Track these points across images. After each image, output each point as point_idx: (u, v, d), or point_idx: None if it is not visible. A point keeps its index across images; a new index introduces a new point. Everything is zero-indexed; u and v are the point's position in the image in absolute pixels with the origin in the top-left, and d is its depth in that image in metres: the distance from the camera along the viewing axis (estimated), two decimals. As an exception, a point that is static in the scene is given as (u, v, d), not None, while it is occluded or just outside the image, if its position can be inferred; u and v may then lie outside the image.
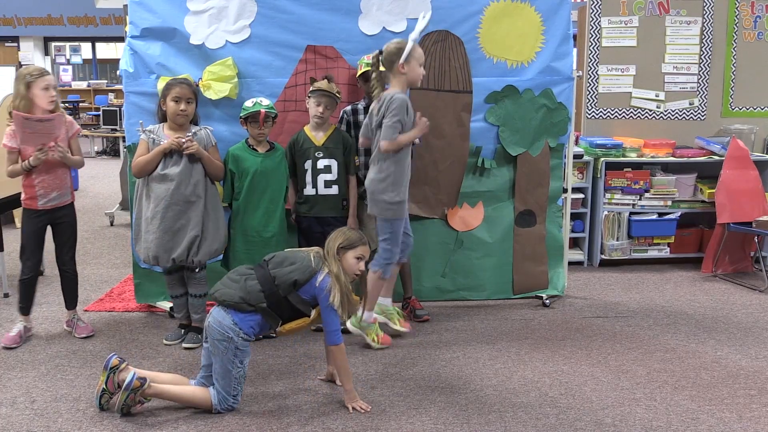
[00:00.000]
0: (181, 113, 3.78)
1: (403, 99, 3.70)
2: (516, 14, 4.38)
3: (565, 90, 4.48)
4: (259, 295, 3.08)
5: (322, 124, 4.05)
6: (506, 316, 4.44)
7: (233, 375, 3.09)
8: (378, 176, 3.80)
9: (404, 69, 3.72)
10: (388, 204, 3.78)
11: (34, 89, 3.73)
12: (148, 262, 3.88)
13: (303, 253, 3.21)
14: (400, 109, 3.67)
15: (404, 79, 3.75)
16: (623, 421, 3.08)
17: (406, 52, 3.68)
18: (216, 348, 3.07)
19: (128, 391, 3.02)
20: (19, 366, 3.64)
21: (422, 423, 3.05)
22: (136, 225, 3.90)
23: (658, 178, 5.55)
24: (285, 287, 3.09)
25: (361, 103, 4.22)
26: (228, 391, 3.10)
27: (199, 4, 4.20)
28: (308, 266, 3.12)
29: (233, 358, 3.07)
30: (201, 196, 3.81)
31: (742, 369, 3.65)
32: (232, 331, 3.05)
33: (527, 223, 4.61)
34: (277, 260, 3.19)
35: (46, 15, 16.32)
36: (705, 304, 4.75)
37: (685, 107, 5.82)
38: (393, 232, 3.84)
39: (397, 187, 3.77)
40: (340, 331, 3.17)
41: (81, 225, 7.00)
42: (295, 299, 3.11)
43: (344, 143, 4.10)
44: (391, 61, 3.74)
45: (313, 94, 4.00)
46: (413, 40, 3.70)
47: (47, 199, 3.86)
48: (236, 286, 3.12)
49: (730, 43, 5.77)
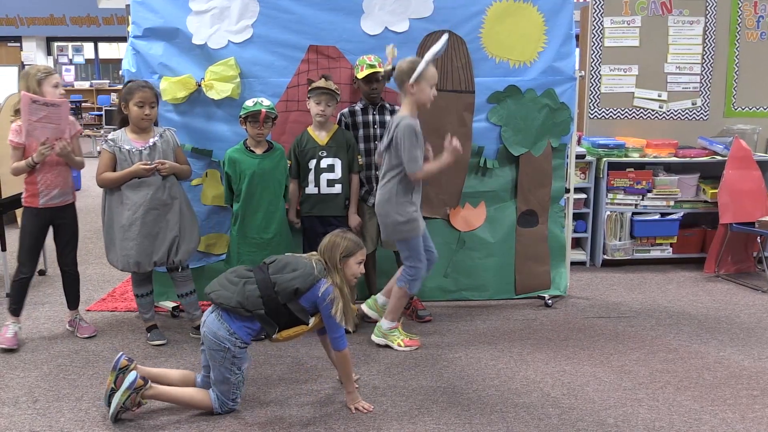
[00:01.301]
0: (146, 117, 3.78)
1: (409, 126, 3.63)
2: (518, 14, 4.38)
3: (567, 90, 4.47)
4: (258, 301, 3.01)
5: (325, 123, 4.05)
6: (508, 316, 4.44)
7: (232, 381, 3.08)
8: (382, 198, 3.79)
9: (413, 89, 3.67)
10: (396, 226, 3.76)
11: (45, 87, 3.73)
12: (127, 269, 3.86)
13: (305, 260, 3.14)
14: (410, 137, 3.61)
15: (413, 99, 3.69)
16: (625, 422, 3.07)
17: (417, 72, 3.61)
18: (213, 357, 3.05)
19: (130, 390, 2.99)
20: (21, 366, 3.64)
21: (424, 423, 3.05)
22: (107, 234, 3.85)
23: (660, 179, 5.54)
24: (285, 295, 3.03)
25: (359, 105, 4.22)
26: (227, 395, 3.09)
27: (201, 4, 4.20)
28: (310, 274, 3.05)
29: (231, 366, 3.04)
30: (176, 197, 3.85)
31: (745, 369, 3.65)
32: (228, 342, 3.01)
33: (529, 223, 4.60)
34: (279, 265, 3.11)
35: (48, 15, 16.36)
36: (708, 304, 4.74)
37: (688, 107, 5.81)
38: (412, 250, 3.82)
39: (401, 207, 3.74)
40: (344, 335, 3.13)
41: (83, 225, 6.99)
42: (294, 307, 3.05)
43: (348, 142, 4.10)
44: (401, 80, 3.69)
45: (312, 94, 4.00)
46: (427, 61, 3.62)
47: (49, 197, 3.85)
48: (234, 289, 3.04)
49: (732, 43, 5.76)
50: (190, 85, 4.18)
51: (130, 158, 3.76)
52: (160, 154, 3.81)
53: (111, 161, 3.78)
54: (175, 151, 3.92)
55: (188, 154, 4.17)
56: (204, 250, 4.36)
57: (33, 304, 4.52)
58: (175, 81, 4.17)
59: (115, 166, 3.78)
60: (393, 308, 3.90)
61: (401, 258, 3.89)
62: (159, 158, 3.79)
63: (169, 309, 4.43)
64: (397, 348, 3.87)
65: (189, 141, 4.25)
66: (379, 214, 3.84)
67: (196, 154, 4.27)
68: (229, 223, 4.24)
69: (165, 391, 3.12)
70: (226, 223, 4.32)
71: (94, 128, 14.00)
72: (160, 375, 3.21)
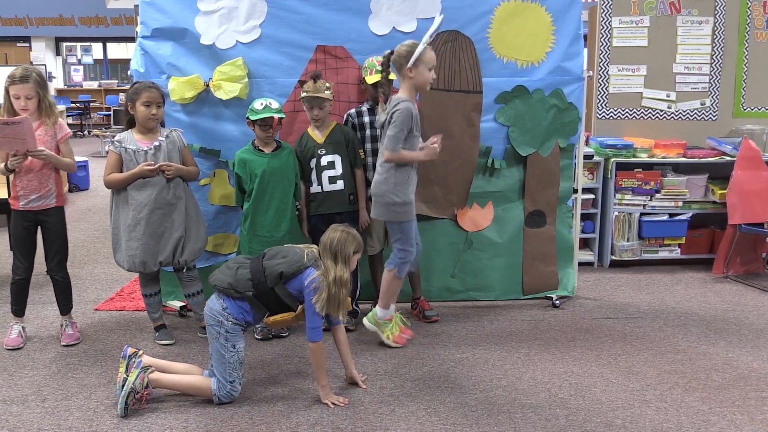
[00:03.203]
0: (152, 117, 3.79)
1: (407, 107, 3.66)
2: (526, 14, 4.37)
3: (575, 90, 4.46)
4: (247, 284, 3.17)
5: (321, 125, 4.06)
6: (516, 316, 4.43)
7: (227, 359, 3.16)
8: (379, 178, 3.79)
9: (412, 73, 3.68)
10: (391, 206, 3.76)
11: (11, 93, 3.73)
12: (133, 269, 3.87)
13: (297, 249, 3.27)
14: (404, 119, 3.64)
15: (412, 83, 3.72)
16: (633, 423, 3.06)
17: (415, 56, 3.63)
18: (210, 333, 3.21)
19: (138, 369, 3.15)
20: (30, 364, 3.66)
21: (431, 423, 3.05)
22: (114, 234, 3.87)
23: (669, 179, 5.53)
24: (272, 278, 3.17)
25: (366, 105, 4.22)
26: (224, 377, 3.17)
27: (209, 5, 4.21)
28: (297, 261, 3.18)
29: (225, 343, 3.16)
30: (182, 197, 3.86)
31: (754, 371, 3.63)
32: (222, 316, 3.17)
33: (537, 223, 4.60)
34: (272, 253, 3.27)
35: (57, 15, 16.42)
36: (716, 305, 4.72)
37: (697, 107, 5.79)
38: (403, 233, 3.82)
39: (399, 188, 3.75)
40: (320, 329, 3.20)
41: (91, 224, 7.03)
42: (281, 291, 3.18)
43: (346, 137, 4.09)
44: (400, 64, 3.71)
45: (303, 100, 4.01)
46: (424, 42, 3.65)
47: (27, 200, 3.81)
48: (229, 273, 3.22)
49: (741, 43, 5.73)
50: (198, 85, 4.19)
51: (136, 159, 3.77)
52: (165, 155, 3.81)
53: (117, 162, 3.79)
54: (182, 152, 3.93)
55: (196, 154, 4.18)
56: (212, 249, 4.37)
57: (41, 303, 4.55)
58: (184, 81, 4.18)
59: (122, 167, 3.79)
60: (385, 293, 3.89)
61: (391, 240, 3.88)
62: (164, 158, 3.80)
63: (177, 309, 4.45)
64: (385, 340, 3.86)
65: (197, 141, 4.26)
66: (374, 194, 3.83)
67: (204, 154, 4.28)
68: (236, 223, 4.25)
69: (165, 377, 3.24)
70: (234, 222, 4.33)
71: (103, 128, 14.05)
72: (165, 366, 3.33)
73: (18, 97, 3.72)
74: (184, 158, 3.94)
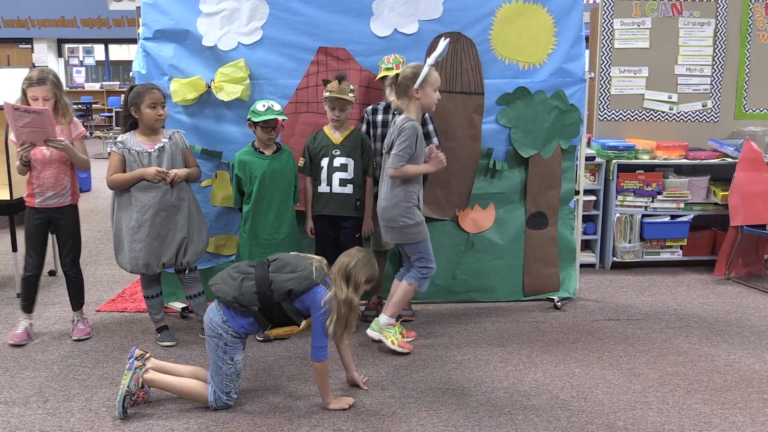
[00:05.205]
0: (159, 118, 3.80)
1: (413, 127, 3.69)
2: (528, 16, 4.37)
3: (577, 92, 4.47)
4: (253, 297, 3.07)
5: (340, 126, 4.07)
6: (517, 318, 4.43)
7: (224, 372, 3.11)
8: (389, 203, 3.80)
9: (418, 94, 3.70)
10: (405, 230, 3.78)
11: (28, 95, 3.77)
12: (135, 270, 3.87)
13: (306, 262, 3.14)
14: (410, 138, 3.66)
15: (418, 104, 3.74)
16: (635, 425, 3.06)
17: (420, 77, 3.66)
18: (208, 344, 3.15)
19: (131, 371, 3.12)
20: (31, 366, 3.66)
21: (433, 425, 3.05)
22: (116, 236, 3.87)
23: (670, 180, 5.52)
24: (279, 294, 3.06)
25: (382, 104, 4.22)
26: (221, 388, 3.13)
27: (211, 6, 4.22)
28: (307, 278, 3.07)
29: (223, 355, 3.10)
30: (185, 199, 3.87)
31: (756, 373, 3.63)
32: (221, 329, 3.09)
33: (539, 225, 4.60)
34: (279, 264, 3.14)
35: (59, 17, 16.46)
36: (718, 307, 4.71)
37: (698, 109, 5.79)
38: (423, 252, 3.85)
39: (410, 211, 3.76)
40: (326, 348, 3.11)
41: (92, 226, 7.03)
42: (288, 307, 3.08)
43: (363, 144, 4.10)
44: (406, 86, 3.72)
45: (326, 100, 4.01)
46: (429, 65, 3.67)
47: (43, 198, 3.88)
48: (233, 284, 3.11)
49: (743, 45, 5.73)
50: (200, 87, 4.20)
51: (139, 160, 3.78)
52: (168, 156, 3.82)
53: (120, 163, 3.80)
54: (184, 153, 3.93)
55: (198, 155, 4.19)
56: (213, 251, 4.38)
57: (44, 304, 4.55)
58: (185, 82, 4.19)
59: (125, 168, 3.80)
60: (396, 302, 3.89)
61: (411, 261, 3.89)
62: (167, 160, 3.81)
63: (179, 310, 4.45)
64: (390, 345, 3.85)
65: (198, 142, 4.27)
66: (386, 219, 3.83)
67: (206, 155, 4.29)
68: (238, 225, 4.25)
69: (164, 379, 3.20)
70: (236, 224, 4.34)
71: (104, 129, 14.08)
72: (171, 368, 3.30)
73: (36, 98, 3.75)
74: (187, 160, 3.94)
